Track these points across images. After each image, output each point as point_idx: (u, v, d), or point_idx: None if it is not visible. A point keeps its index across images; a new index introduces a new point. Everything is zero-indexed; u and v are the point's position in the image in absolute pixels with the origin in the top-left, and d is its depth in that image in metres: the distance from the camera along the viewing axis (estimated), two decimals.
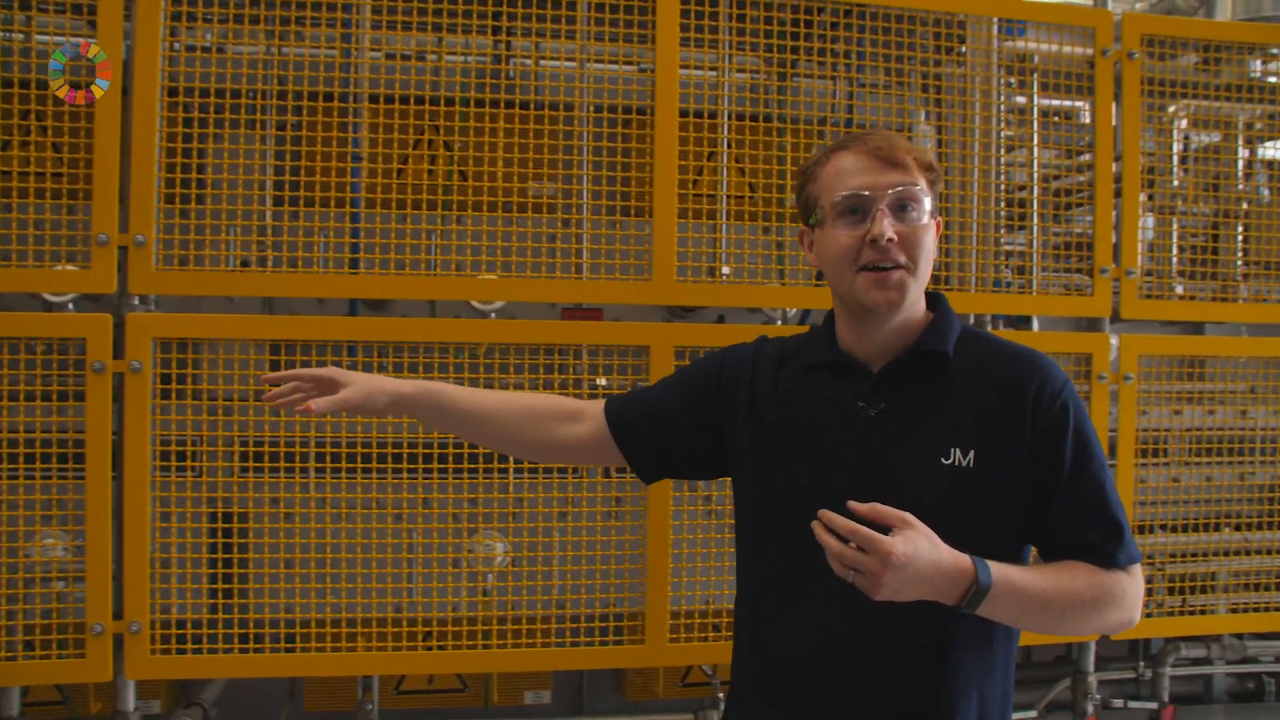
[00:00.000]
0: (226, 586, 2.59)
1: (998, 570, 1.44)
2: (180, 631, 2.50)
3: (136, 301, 2.45)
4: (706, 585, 2.63)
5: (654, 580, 2.59)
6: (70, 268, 2.45)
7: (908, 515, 1.40)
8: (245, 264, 2.60)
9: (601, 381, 2.68)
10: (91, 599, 2.40)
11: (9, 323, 2.43)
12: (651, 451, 1.81)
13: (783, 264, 2.85)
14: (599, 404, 1.84)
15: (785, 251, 2.88)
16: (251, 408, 2.54)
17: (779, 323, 2.90)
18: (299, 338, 2.52)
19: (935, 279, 2.91)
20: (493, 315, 2.66)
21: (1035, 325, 2.96)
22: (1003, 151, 2.95)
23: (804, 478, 1.63)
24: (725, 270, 2.72)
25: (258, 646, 2.52)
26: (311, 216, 2.61)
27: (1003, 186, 2.93)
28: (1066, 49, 2.88)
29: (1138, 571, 1.59)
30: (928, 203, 1.57)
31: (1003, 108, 2.94)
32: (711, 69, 2.77)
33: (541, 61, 2.88)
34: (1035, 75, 2.92)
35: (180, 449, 2.54)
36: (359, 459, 2.57)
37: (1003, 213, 2.92)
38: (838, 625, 1.57)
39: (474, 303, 2.64)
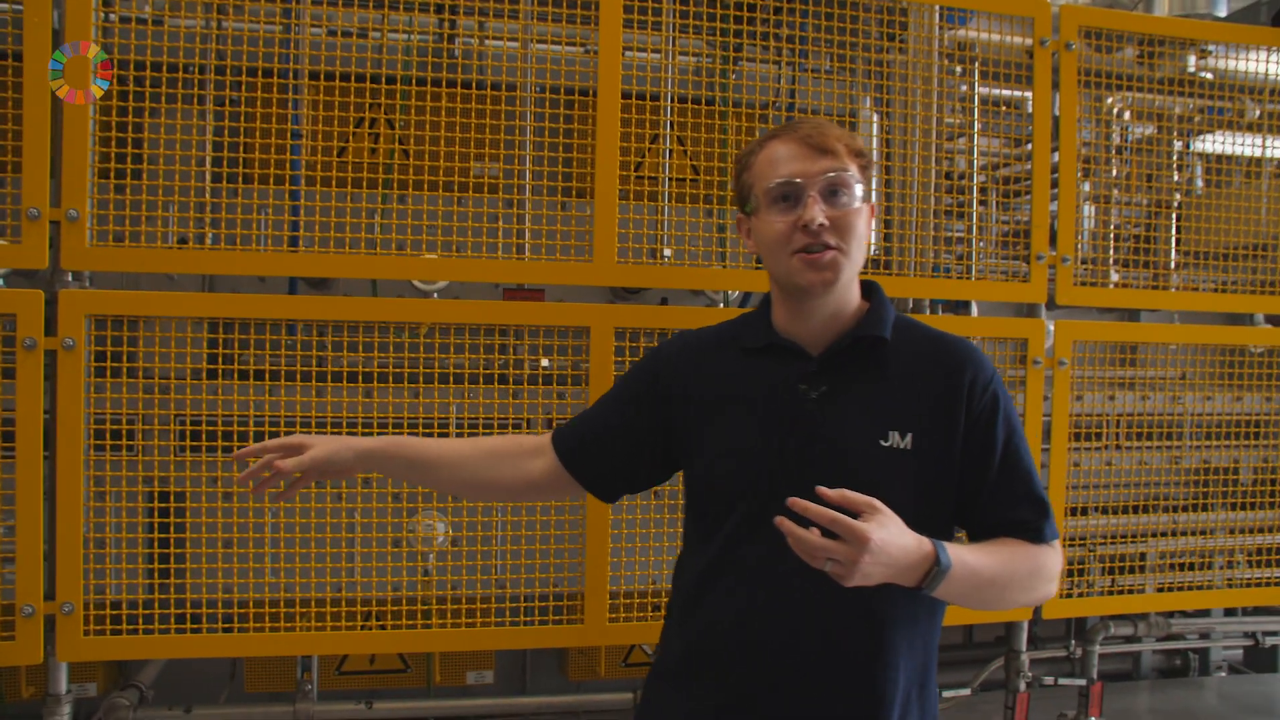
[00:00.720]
0: (164, 567, 2.56)
1: (954, 551, 1.51)
2: (116, 612, 2.46)
3: (70, 278, 2.41)
4: (645, 565, 2.65)
5: (593, 560, 2.61)
6: (0, 242, 2.41)
7: (875, 500, 1.44)
8: (184, 241, 2.57)
9: (544, 362, 2.69)
10: (21, 580, 2.36)
11: None
12: (605, 473, 1.85)
13: (724, 246, 2.87)
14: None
15: (727, 234, 2.90)
16: (189, 386, 2.51)
17: (721, 305, 2.93)
18: (239, 316, 2.49)
19: (876, 263, 2.98)
20: (435, 295, 2.65)
21: (974, 310, 3.01)
22: (944, 139, 2.99)
23: (748, 459, 1.66)
24: (667, 253, 2.73)
25: (195, 627, 2.50)
26: (251, 194, 2.59)
27: (944, 173, 2.96)
28: (1008, 39, 2.92)
29: (1059, 546, 1.71)
30: (858, 188, 1.63)
31: (945, 95, 2.98)
32: (656, 51, 2.77)
33: (486, 41, 2.87)
34: (976, 64, 2.96)
35: (117, 428, 2.51)
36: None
37: (944, 199, 2.96)
38: (775, 601, 1.62)
39: (416, 282, 2.63)
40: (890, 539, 1.41)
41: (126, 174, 2.51)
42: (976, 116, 3.00)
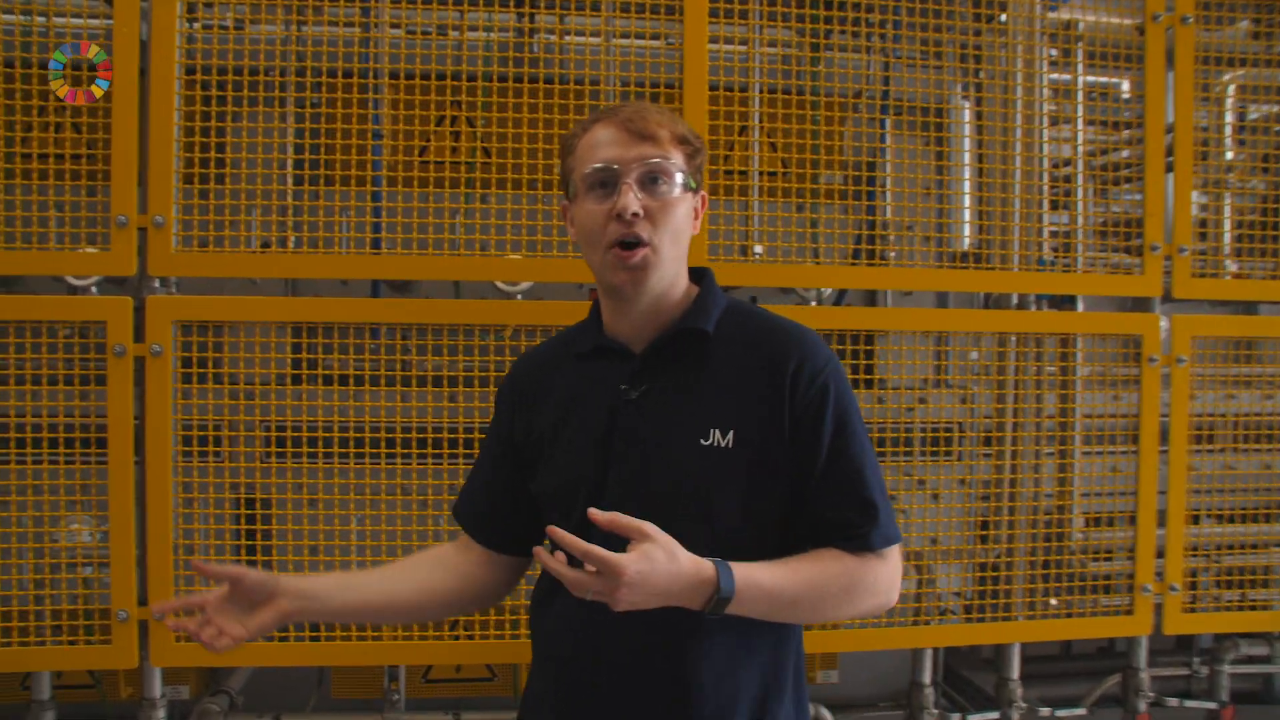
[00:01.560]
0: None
1: (741, 574, 1.41)
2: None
3: (157, 284, 2.41)
4: None
5: None
6: (91, 250, 2.42)
7: (645, 526, 1.36)
8: (266, 245, 2.56)
9: None
10: (116, 585, 2.38)
11: (30, 306, 2.40)
12: (523, 532, 1.70)
13: (816, 242, 2.75)
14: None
15: (820, 229, 2.79)
16: (273, 392, 2.50)
17: (813, 303, 2.81)
18: (322, 320, 2.47)
19: (976, 257, 2.84)
20: (519, 296, 2.59)
21: (1080, 305, 2.84)
22: (1044, 125, 2.83)
23: (570, 468, 1.60)
24: (759, 249, 2.63)
25: (283, 635, 2.49)
26: (332, 196, 2.56)
27: (1045, 161, 2.80)
28: (1113, 19, 2.75)
29: (894, 553, 1.57)
30: (679, 176, 1.54)
31: (1045, 80, 2.82)
32: (742, 42, 2.68)
33: (566, 36, 2.80)
34: (1080, 45, 2.79)
35: (204, 434, 2.51)
36: (383, 444, 2.51)
37: (1045, 189, 2.80)
38: (593, 616, 1.46)
39: (499, 284, 2.58)
40: (653, 570, 1.34)
41: (210, 179, 2.50)
42: (1081, 100, 2.82)
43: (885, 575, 1.55)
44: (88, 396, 2.42)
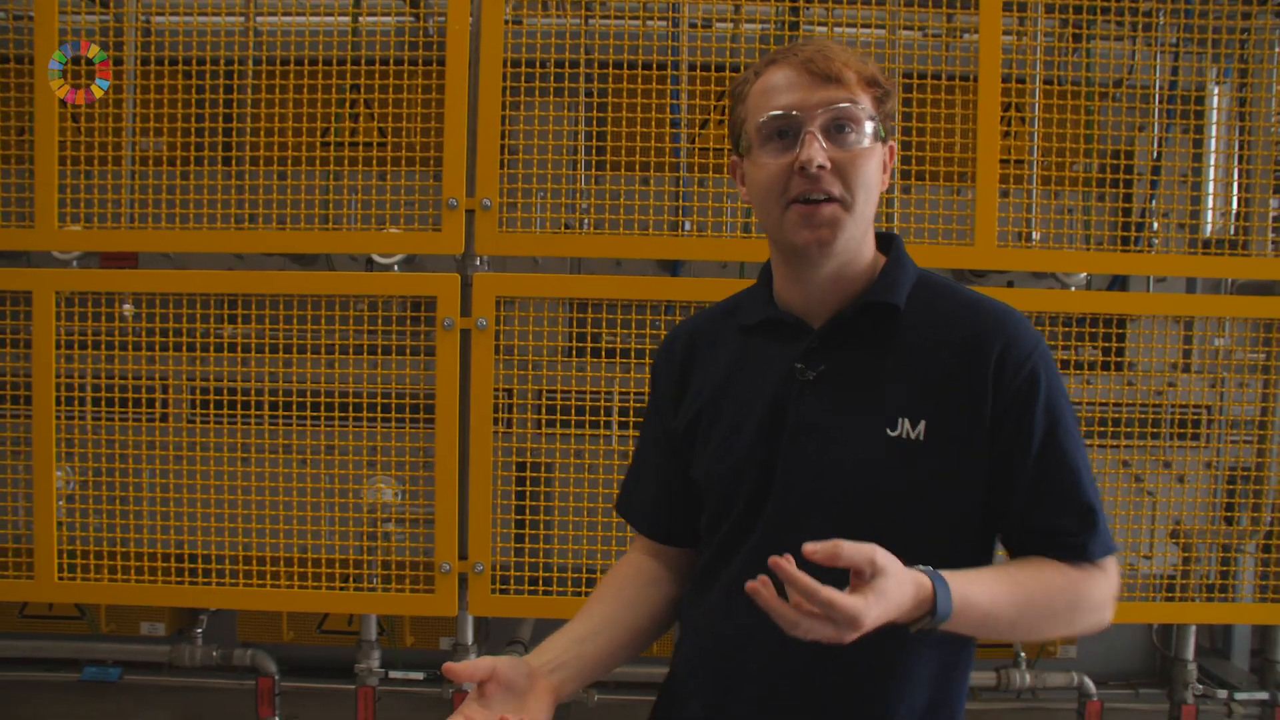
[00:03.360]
0: (531, 533, 2.74)
1: (959, 591, 1.20)
2: (504, 573, 2.66)
3: (478, 262, 2.60)
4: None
5: None
6: (394, 230, 2.63)
7: (876, 555, 1.12)
8: (569, 226, 2.72)
9: None
10: (441, 541, 2.58)
11: (358, 283, 2.61)
12: (696, 520, 1.53)
13: (1087, 228, 2.81)
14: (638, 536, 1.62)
15: (1077, 216, 2.85)
16: (555, 363, 2.66)
17: (1073, 288, 2.87)
18: (610, 296, 2.61)
19: (1231, 243, 2.86)
20: None
21: None
22: None
23: (733, 456, 1.43)
24: (1036, 235, 2.71)
25: (560, 590, 2.66)
26: (618, 180, 2.71)
27: None
28: None
29: (1112, 565, 1.37)
30: (869, 124, 1.34)
31: None
32: (1019, 34, 2.75)
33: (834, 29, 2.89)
34: None
35: (496, 402, 2.69)
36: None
37: None
38: (758, 614, 1.18)
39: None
40: (886, 610, 1.11)
41: (517, 164, 2.67)
42: None
43: (1106, 589, 1.35)
44: (392, 366, 2.64)
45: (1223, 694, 2.80)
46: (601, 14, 2.77)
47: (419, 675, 2.79)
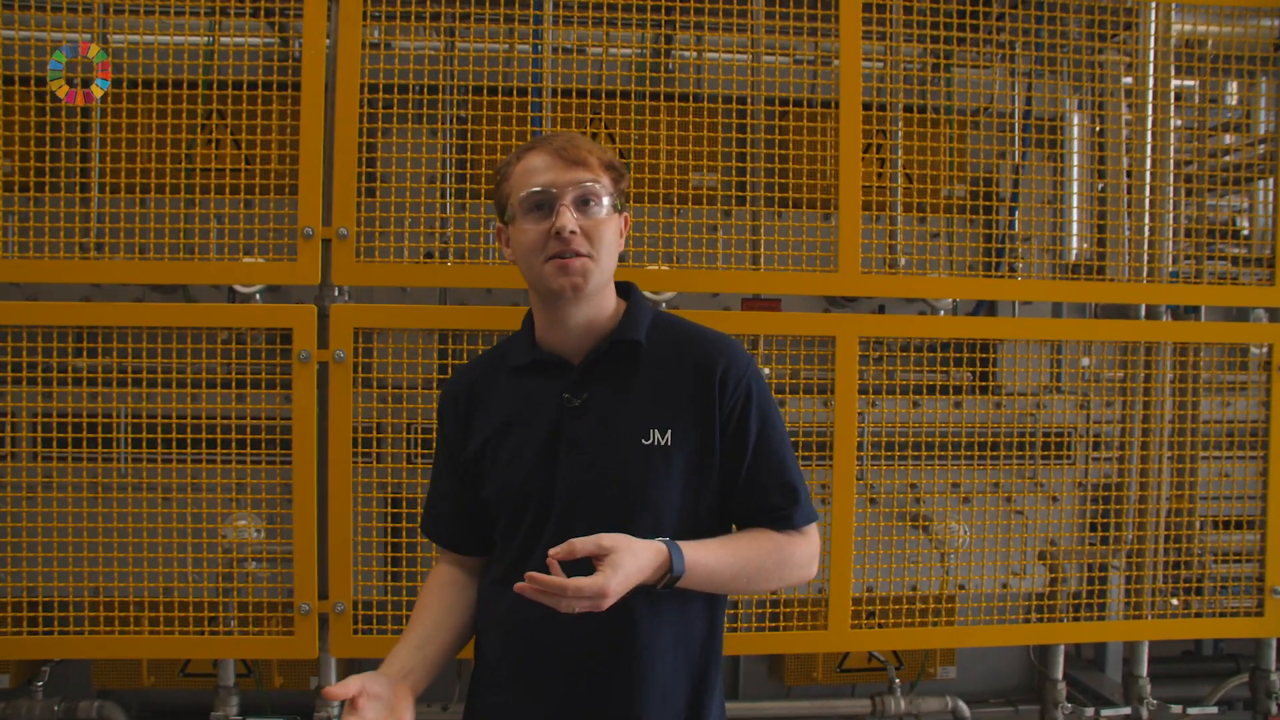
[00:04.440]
0: (402, 570, 2.67)
1: (690, 554, 1.59)
2: (366, 613, 2.58)
3: (336, 292, 2.54)
4: (860, 574, 2.66)
5: (837, 566, 2.63)
6: (253, 260, 2.54)
7: (601, 540, 1.50)
8: (429, 255, 2.67)
9: (766, 371, 2.72)
10: (299, 580, 2.49)
11: (211, 314, 2.52)
12: (488, 533, 1.84)
13: (937, 255, 2.86)
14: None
15: (941, 242, 2.90)
16: (420, 395, 2.59)
17: (941, 312, 2.91)
18: (477, 327, 2.56)
19: (1089, 268, 2.93)
20: (663, 305, 2.70)
21: (1203, 315, 2.94)
22: (1168, 139, 2.92)
23: (518, 474, 1.73)
24: (902, 261, 2.74)
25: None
26: (479, 209, 2.68)
27: (1171, 175, 2.90)
28: (1239, 29, 2.85)
29: (813, 531, 1.79)
30: (607, 199, 1.69)
31: (1167, 93, 2.91)
32: (880, 61, 2.79)
33: (707, 55, 2.91)
34: (1209, 60, 2.89)
35: (366, 435, 2.61)
36: None
37: (1170, 201, 2.89)
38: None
39: (646, 294, 2.67)
40: (625, 577, 1.49)
41: (376, 193, 2.62)
42: (1200, 113, 2.92)
43: (808, 550, 1.77)
44: (252, 399, 2.55)
45: (1090, 711, 2.84)
46: (462, 40, 2.74)
47: None
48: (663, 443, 1.69)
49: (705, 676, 1.76)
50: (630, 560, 1.51)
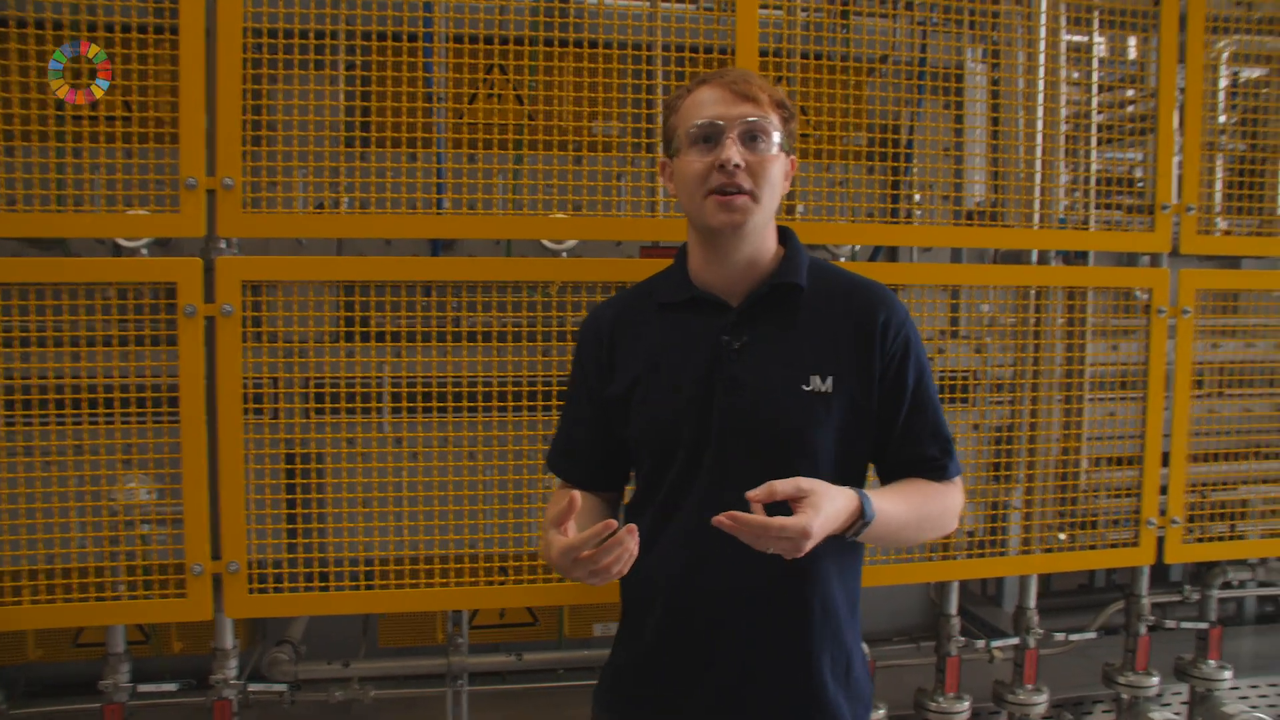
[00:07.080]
0: (304, 527, 2.61)
1: (876, 504, 1.59)
2: (262, 571, 2.53)
3: (223, 245, 2.45)
4: None
5: None
6: (141, 211, 2.44)
7: (800, 483, 1.47)
8: (320, 206, 2.60)
9: None
10: (191, 540, 2.43)
11: (98, 269, 2.42)
12: (621, 471, 1.90)
13: (844, 202, 2.88)
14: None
15: (848, 189, 2.91)
16: (321, 349, 2.55)
17: (842, 259, 2.94)
18: (381, 278, 2.52)
19: (992, 215, 2.98)
20: (564, 255, 2.67)
21: (1091, 260, 3.02)
22: (1058, 89, 2.97)
23: (669, 413, 1.73)
24: (800, 208, 2.75)
25: (338, 585, 2.57)
26: (384, 158, 2.60)
27: (1062, 125, 2.95)
28: None
29: (960, 483, 1.83)
30: (776, 136, 1.68)
31: (1059, 44, 2.96)
32: (777, 8, 2.77)
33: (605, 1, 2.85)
34: (1097, 14, 2.94)
35: (258, 391, 2.54)
36: (420, 399, 2.57)
37: (1061, 150, 2.95)
38: (714, 545, 1.58)
39: (546, 242, 2.65)
40: (827, 517, 1.47)
41: (262, 141, 2.52)
42: (1096, 65, 2.98)
43: (959, 501, 1.80)
44: (138, 357, 2.46)
45: (981, 643, 2.94)
46: None
47: (172, 686, 2.60)
48: (823, 389, 1.68)
49: (857, 639, 1.81)
50: (829, 504, 1.48)
